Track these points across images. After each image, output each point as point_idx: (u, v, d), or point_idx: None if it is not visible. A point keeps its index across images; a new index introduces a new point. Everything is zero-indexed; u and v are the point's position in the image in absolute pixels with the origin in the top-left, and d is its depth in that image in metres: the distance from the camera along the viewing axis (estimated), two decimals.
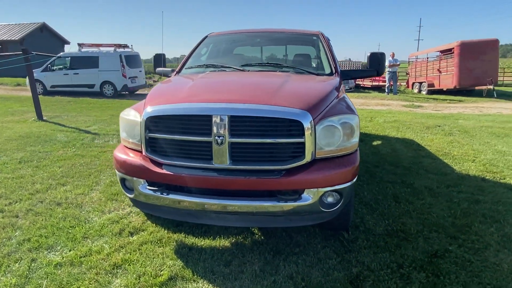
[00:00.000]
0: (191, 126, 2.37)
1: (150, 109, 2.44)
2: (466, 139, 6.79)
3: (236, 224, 2.55)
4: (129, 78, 13.85)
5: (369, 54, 3.66)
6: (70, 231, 2.96)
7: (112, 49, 13.84)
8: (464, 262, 2.52)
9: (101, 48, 14.19)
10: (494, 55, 15.35)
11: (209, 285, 2.28)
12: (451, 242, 2.80)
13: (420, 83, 18.16)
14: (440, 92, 16.79)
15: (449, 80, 15.91)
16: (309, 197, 2.31)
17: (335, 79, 3.18)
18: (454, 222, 3.15)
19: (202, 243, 2.78)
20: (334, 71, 3.44)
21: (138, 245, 2.73)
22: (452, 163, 5.08)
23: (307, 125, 2.25)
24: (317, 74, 3.37)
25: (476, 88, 15.93)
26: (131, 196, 2.60)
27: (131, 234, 2.94)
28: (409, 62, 21.18)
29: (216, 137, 2.28)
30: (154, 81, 20.60)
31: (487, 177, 4.45)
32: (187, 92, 2.60)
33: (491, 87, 15.07)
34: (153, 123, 2.43)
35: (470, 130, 7.63)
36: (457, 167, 4.89)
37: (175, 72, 3.71)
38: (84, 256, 2.58)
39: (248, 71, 3.36)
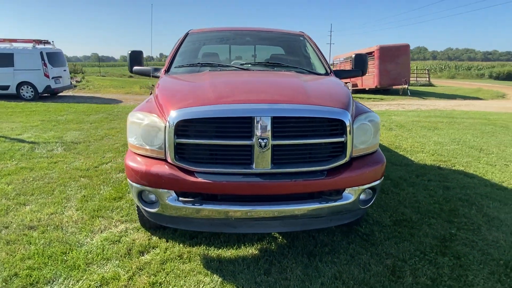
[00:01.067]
0: (228, 129, 2.19)
1: (180, 112, 2.18)
2: (406, 133, 7.57)
3: (278, 230, 2.44)
4: (53, 78, 12.13)
5: (353, 55, 3.84)
6: (65, 258, 2.50)
7: (30, 45, 11.89)
8: (471, 243, 2.81)
9: (15, 44, 12.15)
10: (406, 58, 17.45)
11: None
12: (450, 226, 3.09)
13: (345, 83, 19.68)
14: (363, 91, 18.50)
15: (370, 81, 17.59)
16: (350, 195, 2.32)
17: (338, 79, 3.26)
18: (442, 208, 3.48)
19: (229, 253, 2.60)
20: (329, 71, 3.52)
21: (159, 265, 2.43)
22: (407, 155, 5.62)
23: (348, 123, 2.26)
24: (318, 74, 3.41)
25: (393, 87, 17.91)
26: (154, 210, 2.30)
27: (142, 253, 2.60)
28: (333, 64, 22.82)
29: (260, 140, 2.14)
30: (78, 82, 18.52)
31: (442, 166, 5.02)
32: (216, 93, 2.38)
33: (406, 86, 17.11)
34: (183, 127, 2.18)
35: (405, 125, 8.54)
36: (414, 158, 5.42)
37: (163, 72, 3.39)
38: (101, 286, 2.20)
39: (253, 70, 3.24)
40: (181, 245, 2.69)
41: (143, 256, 2.57)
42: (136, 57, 3.71)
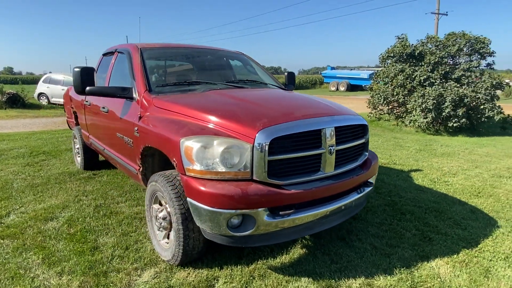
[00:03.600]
0: (305, 141, 2.43)
1: (269, 131, 2.25)
2: None
3: (337, 222, 2.75)
4: None
5: (286, 73, 4.55)
6: None
7: None
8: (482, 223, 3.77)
9: None
10: None
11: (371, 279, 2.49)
12: (454, 212, 3.74)
13: None
14: None
15: None
16: (373, 182, 3.00)
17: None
18: (432, 201, 4.41)
19: (279, 261, 2.76)
20: (282, 85, 4.08)
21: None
22: None
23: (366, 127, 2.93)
24: (283, 88, 3.90)
25: None
26: (247, 233, 2.25)
27: (211, 287, 2.41)
28: None
29: (330, 148, 2.51)
30: None
31: (402, 169, 5.65)
32: (280, 111, 2.55)
33: None
34: (272, 145, 2.27)
35: None
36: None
37: (142, 92, 3.05)
38: None
39: (247, 88, 3.39)
40: (242, 269, 2.64)
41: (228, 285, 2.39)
42: (88, 75, 3.14)
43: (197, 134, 2.33)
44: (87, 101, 4.41)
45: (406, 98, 10.31)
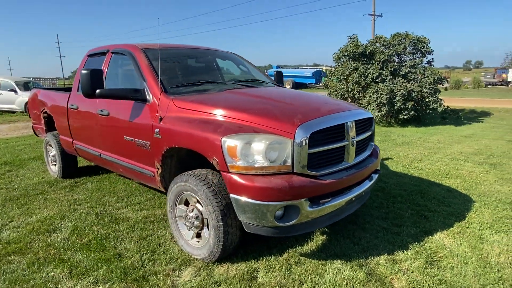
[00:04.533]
0: (334, 134, 2.65)
1: (308, 125, 2.44)
2: None
3: (355, 208, 2.99)
4: None
5: (275, 72, 4.75)
6: None
7: None
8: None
9: None
10: None
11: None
12: (435, 193, 4.22)
13: None
14: None
15: None
16: (380, 169, 3.32)
17: None
18: (413, 185, 4.80)
19: (309, 248, 2.96)
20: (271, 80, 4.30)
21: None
22: None
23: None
24: (277, 85, 4.10)
25: None
26: (292, 222, 2.40)
27: (255, 278, 2.52)
28: None
29: (352, 139, 2.76)
30: None
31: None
32: (308, 108, 2.74)
33: None
34: (311, 139, 2.45)
35: None
36: None
37: (158, 93, 3.03)
38: None
39: (253, 87, 3.51)
40: (271, 257, 2.77)
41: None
42: (98, 77, 3.05)
43: (236, 133, 2.42)
44: (72, 105, 4.17)
45: (360, 94, 11.11)
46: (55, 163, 5.15)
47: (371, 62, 11.14)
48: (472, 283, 2.44)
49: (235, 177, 2.39)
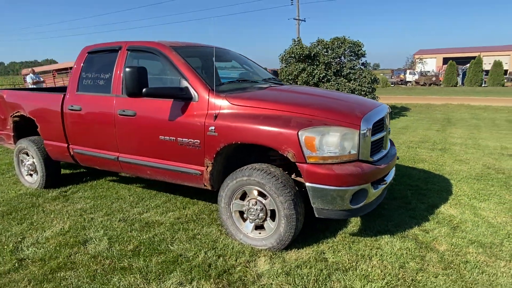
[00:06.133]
0: (379, 125, 3.02)
1: (369, 117, 2.78)
2: None
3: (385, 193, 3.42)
4: None
5: (271, 72, 5.00)
6: None
7: None
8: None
9: None
10: None
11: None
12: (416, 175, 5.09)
13: None
14: None
15: None
16: (398, 157, 3.81)
17: None
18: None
19: (363, 230, 3.30)
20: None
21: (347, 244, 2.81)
22: None
23: None
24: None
25: None
26: (361, 204, 2.70)
27: (325, 259, 2.76)
28: None
29: (389, 129, 3.18)
30: None
31: None
32: (353, 103, 3.06)
33: None
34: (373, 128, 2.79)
35: None
36: None
37: (205, 92, 3.04)
38: None
39: (282, 84, 3.69)
40: (328, 240, 3.04)
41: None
42: (143, 76, 2.97)
43: (308, 126, 2.63)
44: (72, 106, 3.82)
45: None
46: (32, 173, 4.58)
47: (315, 63, 12.04)
48: (493, 240, 3.04)
49: (314, 167, 2.59)
